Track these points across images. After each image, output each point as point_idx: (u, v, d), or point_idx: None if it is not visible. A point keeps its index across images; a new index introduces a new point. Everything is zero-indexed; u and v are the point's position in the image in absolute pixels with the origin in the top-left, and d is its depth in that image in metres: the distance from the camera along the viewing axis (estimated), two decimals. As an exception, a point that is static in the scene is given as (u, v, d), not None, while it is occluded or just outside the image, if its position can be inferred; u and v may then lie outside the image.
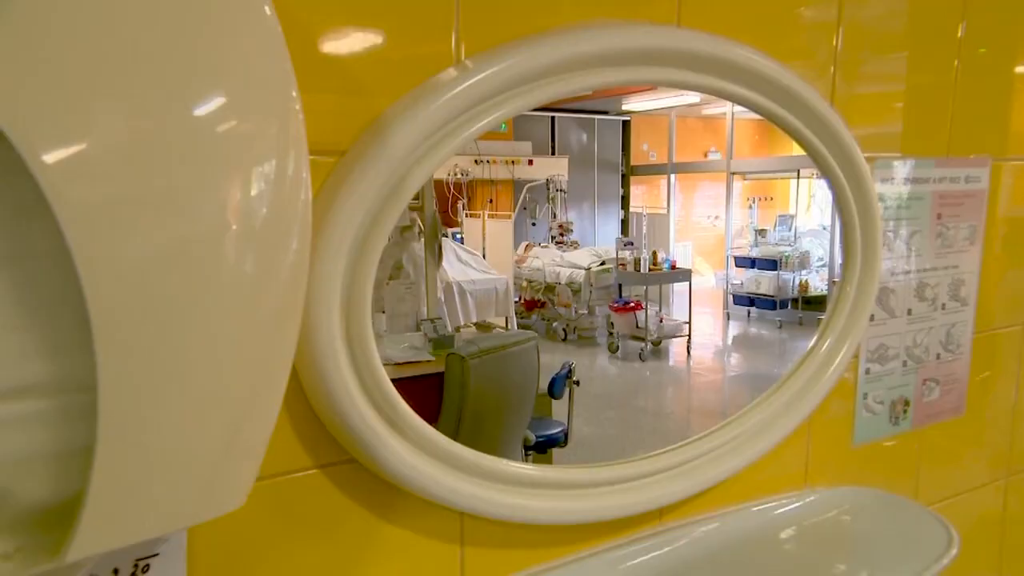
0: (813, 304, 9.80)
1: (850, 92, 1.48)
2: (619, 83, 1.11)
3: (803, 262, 9.97)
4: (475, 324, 7.53)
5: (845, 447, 1.68)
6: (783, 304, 9.69)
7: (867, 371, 1.67)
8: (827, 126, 1.39)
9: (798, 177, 11.07)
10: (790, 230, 10.77)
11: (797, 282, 9.98)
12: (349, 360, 0.99)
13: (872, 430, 1.71)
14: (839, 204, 1.48)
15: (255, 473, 0.76)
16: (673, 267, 8.70)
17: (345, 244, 0.96)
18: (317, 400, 1.02)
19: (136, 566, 0.89)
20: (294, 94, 0.71)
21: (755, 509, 1.53)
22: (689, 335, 8.26)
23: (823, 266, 10.34)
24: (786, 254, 9.74)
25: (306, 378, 1.00)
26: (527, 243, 10.31)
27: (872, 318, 1.64)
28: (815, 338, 1.55)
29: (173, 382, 0.65)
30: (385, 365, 1.03)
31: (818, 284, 10.15)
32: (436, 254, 4.75)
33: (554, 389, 3.83)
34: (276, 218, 0.69)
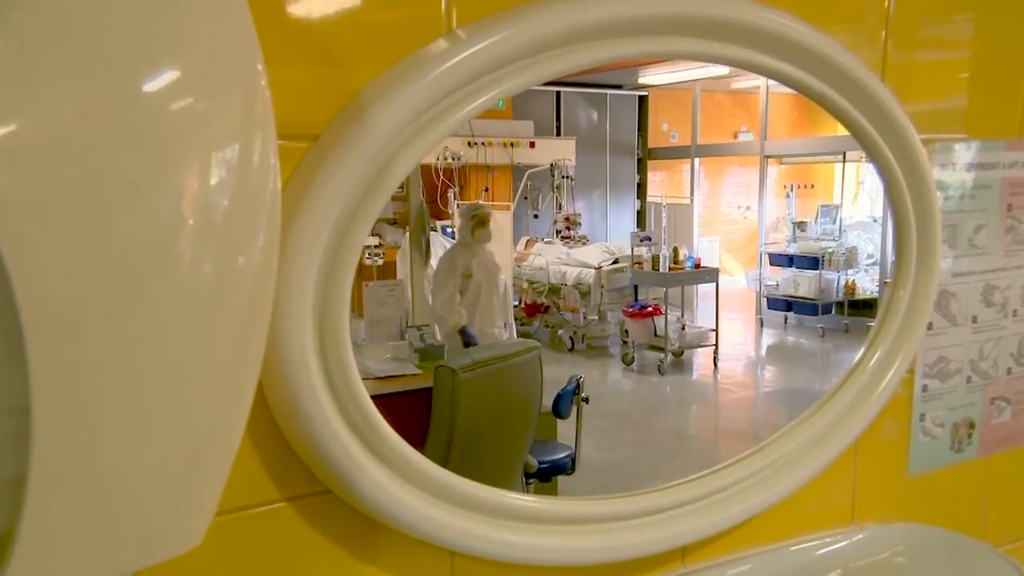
0: (861, 309, 9.82)
1: (904, 62, 1.48)
2: (633, 56, 1.11)
3: (849, 260, 10.00)
4: (468, 332, 7.39)
5: (899, 477, 1.68)
6: (826, 309, 9.74)
7: (924, 388, 1.67)
8: (876, 103, 1.39)
9: (844, 161, 11.11)
10: (834, 223, 10.78)
11: (842, 283, 10.02)
12: (323, 375, 0.99)
13: (931, 457, 1.71)
14: (891, 194, 1.48)
15: (214, 508, 0.76)
16: (697, 266, 8.72)
17: (320, 241, 0.96)
18: (286, 421, 1.02)
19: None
20: (259, 68, 0.71)
21: (794, 549, 1.53)
22: (716, 344, 8.27)
23: (873, 264, 10.38)
24: (830, 251, 9.76)
25: (274, 396, 1.00)
26: (528, 238, 10.34)
27: (930, 326, 1.64)
28: (863, 349, 1.55)
29: (119, 403, 0.65)
30: (364, 380, 1.04)
31: (867, 285, 10.17)
32: (423, 251, 4.75)
33: (560, 407, 3.83)
34: (240, 211, 0.68)
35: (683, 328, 7.97)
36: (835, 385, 1.53)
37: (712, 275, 8.06)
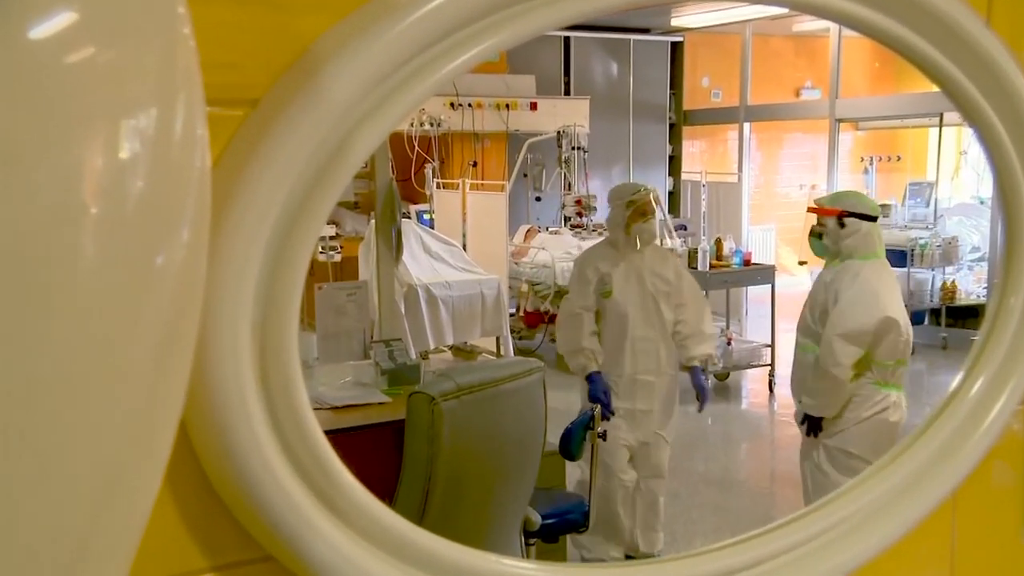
0: (964, 319, 9.76)
1: None
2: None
3: (948, 254, 9.96)
4: (451, 348, 7.41)
5: (1011, 538, 1.68)
6: (917, 318, 9.70)
7: (1041, 422, 1.67)
8: (978, 53, 1.39)
9: (940, 125, 11.10)
10: (928, 205, 10.75)
11: (938, 284, 9.97)
12: (264, 407, 0.99)
13: (1050, 511, 1.71)
14: (997, 170, 1.48)
15: (122, 581, 0.76)
16: (747, 262, 8.72)
17: (261, 235, 0.96)
18: (217, 468, 1.01)
19: None
20: (181, 11, 0.71)
21: (873, 630, 1.53)
22: (772, 364, 8.27)
23: (979, 260, 10.32)
24: (921, 242, 9.76)
25: (200, 435, 1.00)
26: (528, 227, 10.36)
27: (1049, 342, 1.64)
28: (963, 372, 1.55)
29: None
30: (316, 410, 1.04)
31: (971, 288, 10.11)
32: (393, 244, 4.72)
33: (569, 446, 3.82)
34: (158, 196, 0.68)
35: (728, 343, 7.96)
36: (927, 419, 1.53)
37: (766, 274, 8.06)
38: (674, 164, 12.26)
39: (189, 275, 0.73)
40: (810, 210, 4.20)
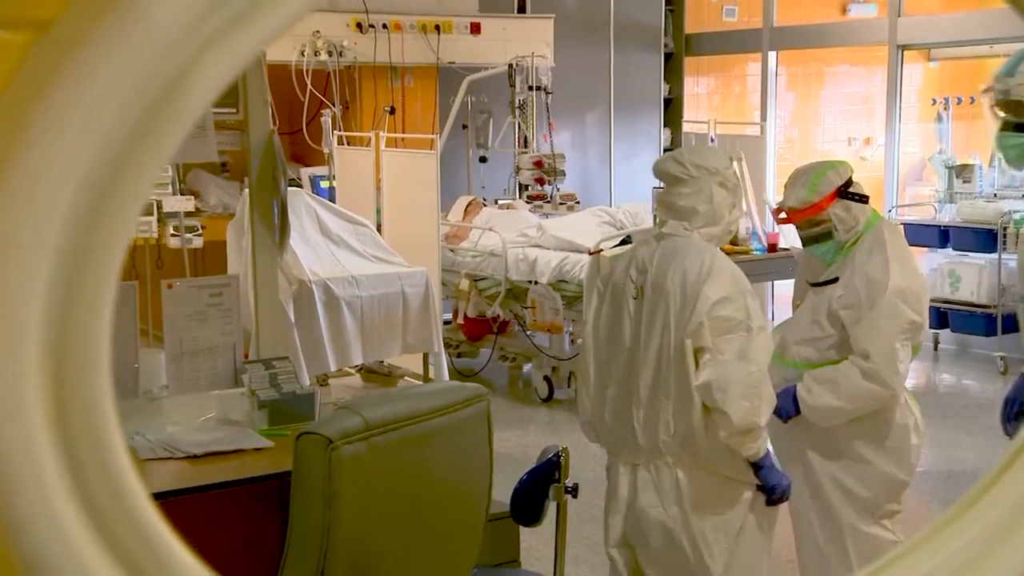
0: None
1: None
2: None
3: (1051, 235, 9.99)
4: (361, 370, 7.49)
5: None
6: (1009, 323, 9.79)
7: None
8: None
9: (1042, 54, 11.09)
10: (1024, 167, 10.81)
11: (1040, 277, 10.00)
12: (62, 462, 0.98)
13: None
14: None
15: None
16: (772, 247, 8.78)
17: (56, 212, 0.95)
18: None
19: None
20: None
21: None
22: (809, 388, 8.28)
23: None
24: (1017, 217, 9.83)
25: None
26: (470, 199, 10.43)
27: None
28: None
29: None
30: (166, 461, 1.02)
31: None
32: (276, 224, 4.70)
33: (525, 505, 3.82)
34: None
35: (749, 358, 7.95)
36: (1003, 461, 1.54)
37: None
38: (672, 110, 12.31)
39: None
40: (793, 216, 4.24)
